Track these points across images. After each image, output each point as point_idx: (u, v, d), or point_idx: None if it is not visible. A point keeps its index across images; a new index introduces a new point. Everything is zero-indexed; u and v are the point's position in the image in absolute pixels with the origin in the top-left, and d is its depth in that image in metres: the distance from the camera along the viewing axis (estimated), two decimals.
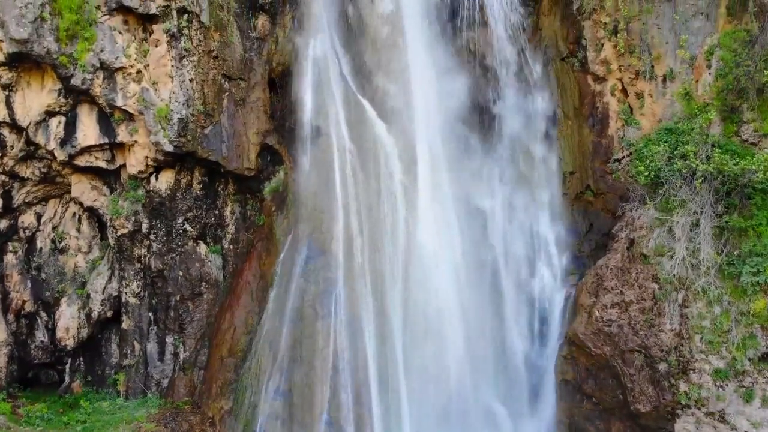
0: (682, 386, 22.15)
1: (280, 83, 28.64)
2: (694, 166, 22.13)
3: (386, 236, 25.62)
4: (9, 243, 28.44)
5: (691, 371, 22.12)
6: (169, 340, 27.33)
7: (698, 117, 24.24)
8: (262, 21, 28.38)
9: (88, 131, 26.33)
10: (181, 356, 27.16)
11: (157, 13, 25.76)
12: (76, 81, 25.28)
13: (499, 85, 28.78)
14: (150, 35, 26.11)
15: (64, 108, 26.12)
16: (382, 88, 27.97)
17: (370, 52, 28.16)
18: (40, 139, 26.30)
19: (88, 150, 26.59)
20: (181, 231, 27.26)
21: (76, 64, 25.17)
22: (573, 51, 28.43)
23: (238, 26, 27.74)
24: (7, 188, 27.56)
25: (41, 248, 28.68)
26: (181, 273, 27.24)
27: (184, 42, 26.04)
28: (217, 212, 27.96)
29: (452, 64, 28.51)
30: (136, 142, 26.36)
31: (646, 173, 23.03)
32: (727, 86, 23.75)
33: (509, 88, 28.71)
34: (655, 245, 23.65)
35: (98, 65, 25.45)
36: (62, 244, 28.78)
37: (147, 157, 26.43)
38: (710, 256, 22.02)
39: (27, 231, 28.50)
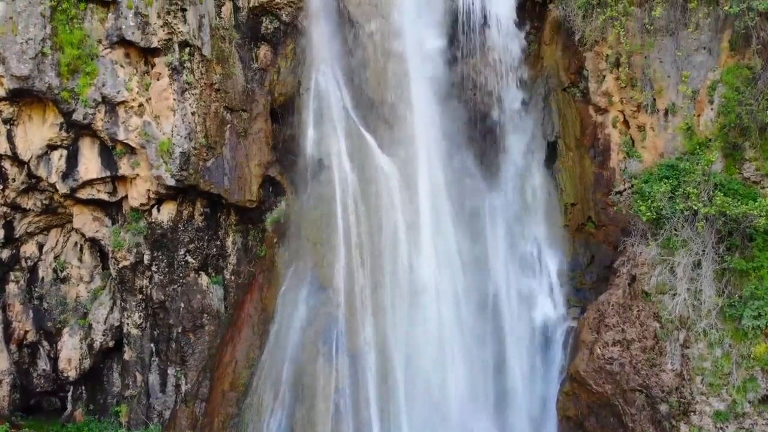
0: (683, 428, 22.22)
1: (282, 113, 28.64)
2: (696, 208, 22.10)
3: (388, 270, 25.68)
4: (11, 272, 28.48)
5: (692, 413, 22.18)
6: (170, 371, 27.37)
7: (700, 153, 24.13)
8: (264, 51, 28.40)
9: (90, 165, 26.33)
10: (183, 388, 27.21)
11: (159, 46, 25.73)
12: (77, 116, 25.29)
13: (500, 115, 28.82)
14: (152, 68, 26.10)
15: (65, 141, 26.14)
16: (383, 119, 27.92)
17: (371, 82, 28.16)
18: (41, 172, 26.33)
19: (89, 183, 26.60)
20: (183, 262, 27.28)
21: (78, 98, 25.18)
22: (574, 81, 28.40)
23: (239, 57, 27.76)
24: (8, 219, 27.59)
25: (43, 278, 28.71)
26: (182, 304, 27.27)
27: (186, 75, 26.02)
28: (218, 243, 27.99)
29: (454, 92, 28.61)
30: (138, 175, 26.37)
31: (648, 213, 22.98)
32: (729, 124, 23.70)
33: (510, 118, 28.76)
34: (656, 283, 23.68)
35: (100, 99, 25.46)
36: (64, 273, 28.81)
37: (149, 190, 26.44)
38: (711, 298, 22.03)
39: (29, 261, 28.53)
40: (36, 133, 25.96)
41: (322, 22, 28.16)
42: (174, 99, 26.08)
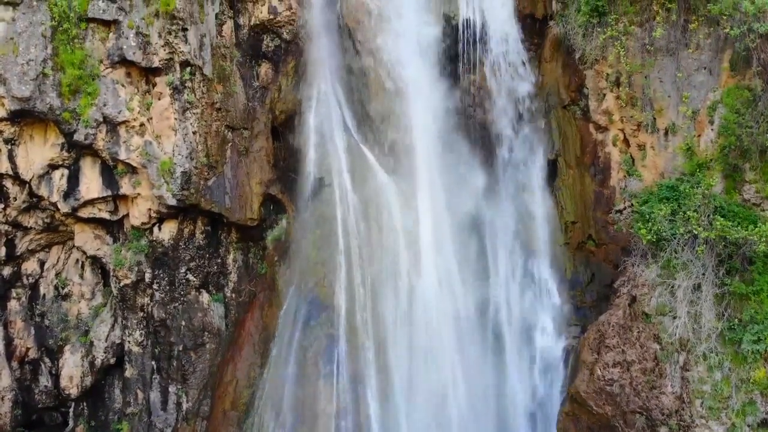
0: None
1: (283, 131, 28.69)
2: (697, 232, 22.15)
3: (388, 289, 25.75)
4: (12, 289, 28.55)
5: None
6: (171, 389, 27.44)
7: (700, 175, 24.16)
8: (265, 69, 28.44)
9: (91, 184, 26.38)
10: (184, 406, 27.29)
11: (160, 66, 25.77)
12: (79, 136, 25.33)
13: (500, 132, 28.85)
14: (153, 87, 26.14)
15: (66, 161, 26.20)
16: (384, 136, 28.00)
17: (372, 100, 28.24)
18: (43, 191, 26.38)
19: (91, 202, 26.66)
20: (184, 281, 27.34)
21: (79, 119, 25.23)
22: (575, 99, 28.43)
23: (240, 75, 27.82)
24: (10, 237, 27.66)
25: (44, 295, 28.76)
26: (183, 323, 27.34)
27: (187, 94, 26.07)
28: (219, 260, 28.05)
29: (454, 109, 28.64)
30: (139, 194, 26.43)
31: (648, 236, 23.04)
32: (730, 146, 23.73)
33: (511, 135, 28.74)
34: (656, 304, 23.72)
35: (101, 119, 25.51)
36: (65, 290, 28.88)
37: (150, 209, 26.49)
38: (711, 322, 22.10)
39: (30, 278, 28.59)
40: (37, 152, 25.98)
41: (322, 40, 28.25)
42: (175, 118, 26.11)
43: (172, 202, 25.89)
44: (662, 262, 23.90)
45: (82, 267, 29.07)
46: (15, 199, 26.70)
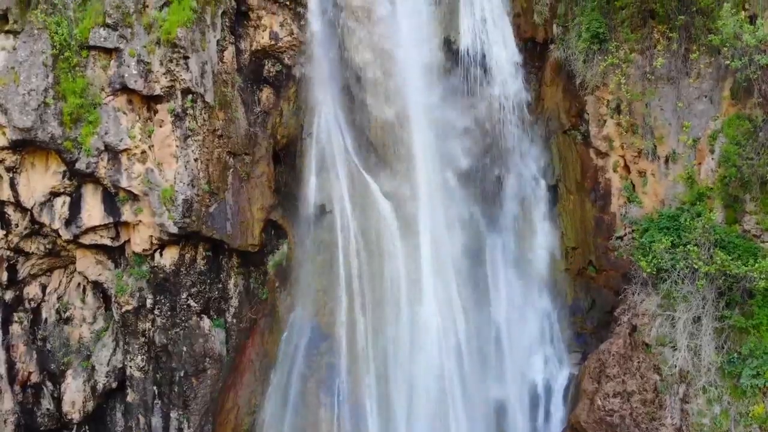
0: None
1: (285, 155, 28.72)
2: (697, 266, 22.21)
3: (389, 318, 25.85)
4: (14, 313, 28.59)
5: None
6: (173, 415, 27.53)
7: (701, 205, 24.21)
8: (266, 94, 28.48)
9: (93, 211, 26.43)
10: None
11: (162, 93, 25.79)
12: (80, 165, 25.41)
13: (500, 156, 28.89)
14: (154, 114, 26.19)
15: (68, 189, 26.29)
16: (385, 161, 28.04)
17: (373, 125, 28.24)
18: (44, 218, 26.44)
19: (92, 229, 26.71)
20: (185, 306, 27.42)
21: (81, 148, 25.30)
22: (575, 124, 28.46)
23: (242, 100, 27.85)
24: (12, 262, 27.71)
25: (46, 319, 28.84)
26: (185, 348, 27.43)
27: (189, 122, 26.11)
28: (220, 285, 28.13)
29: (454, 134, 28.65)
30: (140, 221, 26.51)
31: (649, 269, 23.10)
32: (730, 177, 23.75)
33: (512, 160, 28.85)
34: (657, 335, 23.82)
35: (102, 148, 25.58)
36: (67, 314, 28.95)
37: (151, 236, 26.56)
38: (711, 356, 22.16)
39: (32, 302, 28.66)
40: (39, 180, 26.04)
41: (324, 66, 28.29)
42: (177, 146, 26.17)
43: (174, 230, 25.94)
44: (662, 293, 23.91)
45: (84, 291, 29.13)
46: (17, 225, 26.76)
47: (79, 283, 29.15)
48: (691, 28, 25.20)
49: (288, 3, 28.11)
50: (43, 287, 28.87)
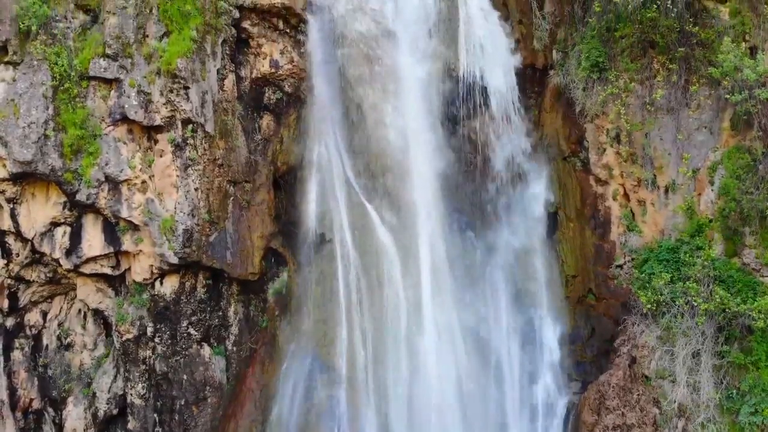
0: None
1: (285, 183, 28.74)
2: (696, 303, 22.27)
3: (390, 347, 25.86)
4: (16, 340, 28.65)
5: None
6: None
7: (701, 238, 24.26)
8: (267, 121, 28.51)
9: (94, 241, 26.47)
10: None
11: (162, 123, 25.79)
12: (81, 196, 25.45)
13: (501, 183, 28.90)
14: (155, 144, 26.21)
15: (69, 219, 26.32)
16: (385, 189, 28.08)
17: (373, 152, 28.26)
18: (45, 248, 26.48)
19: (93, 259, 26.70)
20: (186, 334, 27.48)
21: (81, 179, 25.33)
22: (575, 151, 28.48)
23: (243, 128, 27.87)
24: (13, 290, 27.75)
25: (47, 345, 28.90)
26: (185, 376, 27.47)
27: (189, 151, 26.13)
28: (220, 313, 28.17)
29: (454, 161, 28.73)
30: (141, 251, 26.54)
31: (649, 305, 23.18)
32: (729, 210, 23.78)
33: (511, 187, 28.78)
34: (656, 368, 23.89)
35: (103, 179, 25.62)
36: (68, 340, 29.01)
37: (152, 265, 26.59)
38: (709, 393, 22.23)
39: (33, 329, 28.72)
40: (39, 211, 26.08)
41: (324, 92, 28.31)
42: (177, 175, 26.19)
43: (174, 260, 25.98)
44: (662, 325, 23.98)
45: (84, 317, 29.19)
46: (17, 255, 26.82)
47: (79, 310, 29.21)
48: (691, 60, 25.20)
49: (288, 31, 28.12)
50: (44, 314, 28.93)
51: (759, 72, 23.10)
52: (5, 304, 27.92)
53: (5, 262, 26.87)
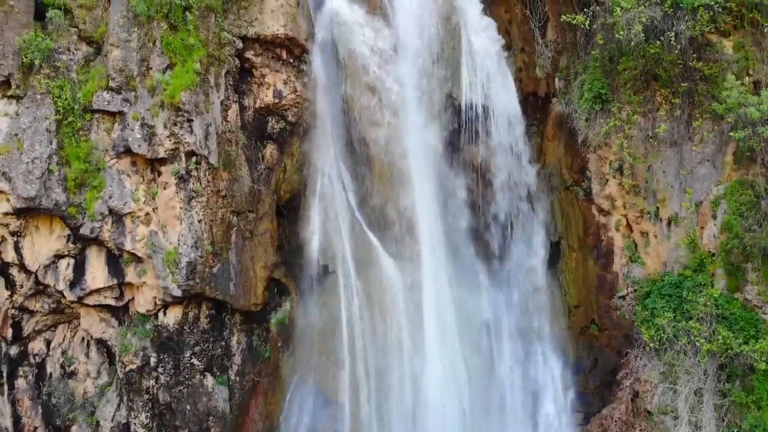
0: None
1: (288, 211, 28.75)
2: (699, 344, 22.33)
3: (393, 381, 25.89)
4: (20, 368, 28.70)
5: None
6: None
7: (703, 275, 24.31)
8: (270, 151, 28.53)
9: (97, 273, 26.51)
10: None
11: (166, 156, 25.79)
12: (84, 230, 25.50)
13: (504, 213, 29.06)
14: (158, 176, 26.22)
15: (72, 251, 26.30)
16: (388, 219, 28.12)
17: (376, 181, 28.31)
18: (49, 280, 26.52)
19: (96, 291, 26.71)
20: (189, 365, 27.52)
21: (85, 213, 25.37)
22: (577, 180, 28.51)
23: (246, 158, 27.87)
24: (16, 320, 27.78)
25: (51, 374, 28.94)
26: (188, 407, 27.53)
27: (193, 183, 26.15)
28: (223, 343, 28.21)
29: (457, 191, 28.77)
30: (144, 283, 26.55)
31: (651, 344, 23.24)
32: (732, 247, 23.82)
33: (514, 216, 28.84)
34: (659, 403, 23.98)
35: (107, 212, 25.65)
36: (71, 368, 29.05)
37: (155, 297, 26.62)
38: (712, 431, 22.31)
39: (37, 357, 28.76)
40: (43, 243, 26.11)
41: (327, 121, 28.29)
42: (181, 207, 26.19)
43: (178, 293, 26.04)
44: (665, 360, 24.04)
45: (88, 345, 29.23)
46: (21, 286, 26.84)
47: (83, 338, 29.24)
48: (694, 94, 25.16)
49: (292, 60, 28.11)
50: (48, 342, 28.96)
51: (763, 110, 23.09)
52: (9, 333, 27.93)
53: (9, 293, 26.87)
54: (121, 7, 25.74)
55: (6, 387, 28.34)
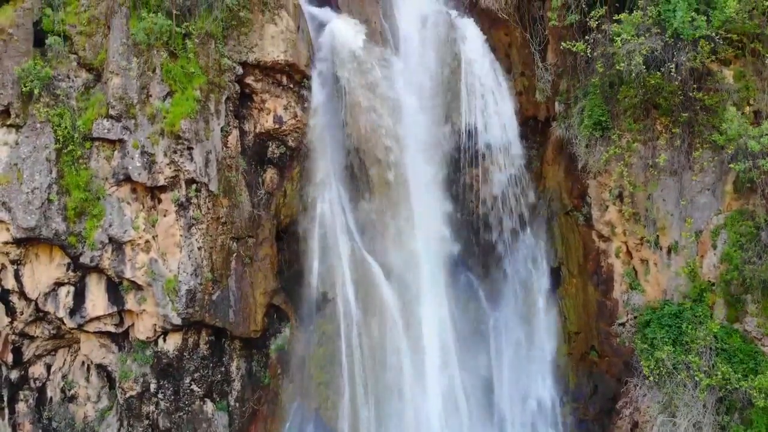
0: None
1: (288, 236, 28.73)
2: (698, 379, 22.33)
3: (393, 410, 25.89)
4: (20, 392, 28.73)
5: None
6: None
7: (703, 306, 24.32)
8: (270, 175, 28.50)
9: (97, 301, 26.52)
10: None
11: (165, 184, 25.77)
12: (84, 259, 25.49)
13: (503, 238, 29.01)
14: (158, 203, 26.20)
15: (72, 279, 26.29)
16: (389, 242, 28.13)
17: (376, 206, 28.31)
18: (49, 308, 26.55)
19: (96, 318, 26.72)
20: (189, 391, 27.54)
21: (85, 242, 25.35)
22: (577, 206, 28.49)
23: (246, 183, 27.85)
24: (17, 345, 27.80)
25: (51, 398, 28.97)
26: None
27: (193, 211, 26.14)
28: (223, 369, 28.23)
29: (456, 215, 28.75)
30: (144, 310, 26.55)
31: (651, 377, 23.26)
32: (732, 278, 23.82)
33: (513, 241, 28.86)
34: None
35: (107, 241, 25.63)
36: (72, 392, 29.08)
37: (155, 324, 26.62)
38: None
39: (37, 381, 28.80)
40: (43, 272, 26.09)
41: (327, 146, 28.29)
42: (180, 235, 26.20)
43: (177, 321, 26.05)
44: (665, 391, 24.04)
45: (88, 370, 29.25)
46: (21, 313, 26.87)
47: (83, 362, 29.25)
48: (694, 124, 25.13)
49: (292, 86, 28.09)
50: (48, 366, 28.99)
51: (763, 143, 23.05)
52: (9, 357, 27.95)
53: (9, 319, 26.89)
54: (121, 34, 25.65)
55: (7, 411, 28.39)
